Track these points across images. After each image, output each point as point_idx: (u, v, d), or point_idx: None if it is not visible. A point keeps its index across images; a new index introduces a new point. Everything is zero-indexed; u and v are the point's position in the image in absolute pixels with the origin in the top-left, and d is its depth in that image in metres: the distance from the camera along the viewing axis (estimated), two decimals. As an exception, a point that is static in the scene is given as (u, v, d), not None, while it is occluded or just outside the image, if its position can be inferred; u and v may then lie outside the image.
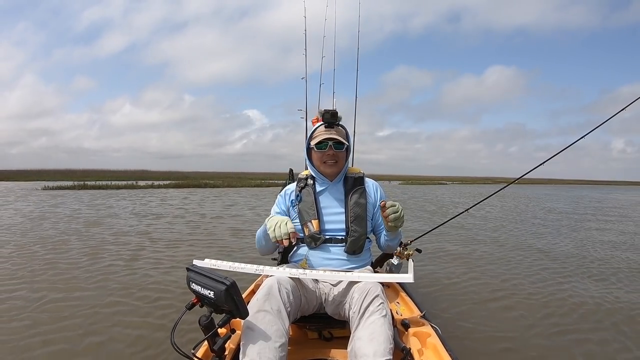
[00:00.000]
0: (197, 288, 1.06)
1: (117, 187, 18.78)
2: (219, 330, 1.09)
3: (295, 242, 1.43)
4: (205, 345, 1.15)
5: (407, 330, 1.40)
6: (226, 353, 1.16)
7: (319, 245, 1.51)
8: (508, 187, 1.93)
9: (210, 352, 1.09)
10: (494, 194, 1.94)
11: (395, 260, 1.64)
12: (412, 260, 1.56)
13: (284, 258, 1.74)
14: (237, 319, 1.07)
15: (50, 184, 19.06)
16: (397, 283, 1.87)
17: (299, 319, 1.37)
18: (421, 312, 1.57)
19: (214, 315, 1.08)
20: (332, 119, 1.55)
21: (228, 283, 1.00)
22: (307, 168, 1.69)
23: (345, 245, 1.51)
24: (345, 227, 1.53)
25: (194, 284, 1.07)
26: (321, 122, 1.58)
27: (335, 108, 1.59)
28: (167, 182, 24.23)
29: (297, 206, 1.56)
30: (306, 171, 1.68)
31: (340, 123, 1.60)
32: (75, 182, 19.65)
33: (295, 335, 1.47)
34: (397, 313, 1.59)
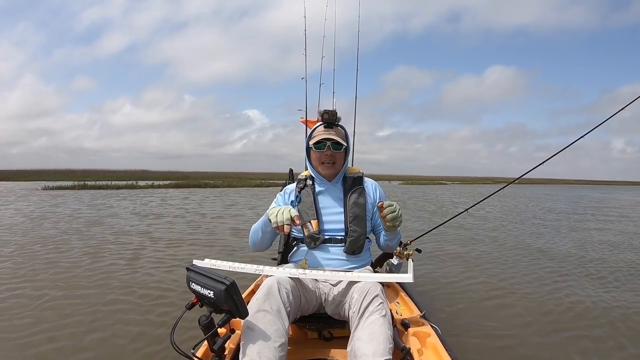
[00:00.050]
0: (197, 288, 1.06)
1: (117, 187, 18.79)
2: (219, 330, 1.09)
3: (301, 222, 1.44)
4: (205, 345, 1.15)
5: (406, 330, 1.40)
6: (226, 353, 1.16)
7: (318, 246, 1.51)
8: (508, 187, 1.93)
9: (210, 351, 1.09)
10: (493, 194, 1.94)
11: (395, 260, 1.64)
12: (412, 260, 1.56)
13: (284, 258, 1.75)
14: (237, 318, 1.07)
15: (50, 184, 19.07)
16: (397, 283, 1.87)
17: (298, 318, 1.37)
18: (421, 312, 1.57)
19: (213, 315, 1.08)
20: (331, 119, 1.55)
21: (228, 283, 1.01)
22: (307, 168, 1.69)
23: (345, 245, 1.51)
24: (344, 227, 1.53)
25: (193, 284, 1.08)
26: (320, 122, 1.58)
27: (335, 108, 1.59)
28: (167, 182, 24.24)
29: (297, 207, 1.57)
30: (306, 172, 1.68)
31: (340, 123, 1.60)
32: (75, 182, 19.67)
33: (295, 335, 1.47)
34: (396, 313, 1.59)
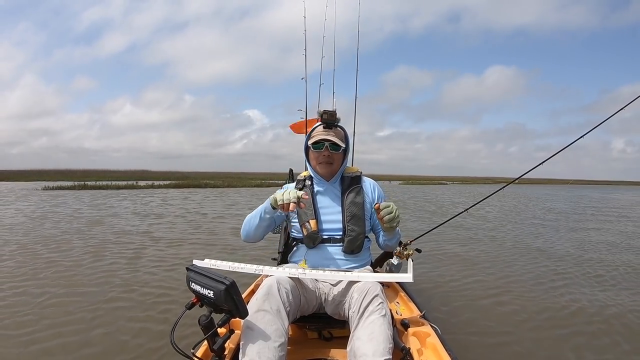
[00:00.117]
0: (197, 288, 1.06)
1: (118, 187, 18.80)
2: (219, 330, 1.09)
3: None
4: (205, 344, 1.15)
5: (406, 330, 1.40)
6: (226, 353, 1.16)
7: (317, 245, 1.51)
8: (508, 187, 1.93)
9: (210, 351, 1.09)
10: (493, 194, 1.93)
11: (395, 260, 1.64)
12: (412, 260, 1.55)
13: (284, 258, 1.75)
14: (237, 318, 1.07)
15: (50, 184, 19.07)
16: (397, 283, 1.88)
17: (298, 318, 1.37)
18: (421, 312, 1.57)
19: (213, 315, 1.08)
20: (330, 119, 1.55)
21: (227, 283, 1.01)
22: (306, 168, 1.69)
23: (343, 245, 1.51)
24: (342, 226, 1.53)
25: (193, 284, 1.08)
26: (320, 122, 1.58)
27: (335, 108, 1.58)
28: (167, 182, 24.24)
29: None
30: (305, 172, 1.69)
31: (340, 124, 1.59)
32: (75, 183, 19.66)
33: (295, 335, 1.48)
34: (396, 313, 1.59)
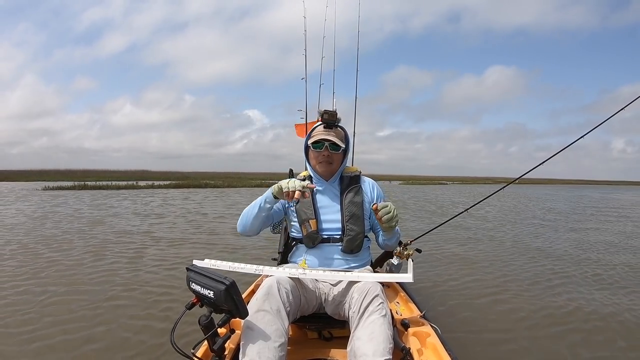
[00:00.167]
0: (197, 288, 1.06)
1: (118, 187, 18.80)
2: (219, 330, 1.09)
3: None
4: (205, 345, 1.15)
5: (406, 330, 1.40)
6: (226, 353, 1.16)
7: (316, 245, 1.51)
8: (508, 187, 1.93)
9: (210, 351, 1.09)
10: (493, 194, 1.94)
11: (395, 260, 1.64)
12: (412, 260, 1.56)
13: (284, 258, 1.75)
14: (237, 318, 1.07)
15: (50, 184, 19.07)
16: (397, 283, 1.88)
17: (298, 318, 1.37)
18: (421, 312, 1.57)
19: (213, 315, 1.08)
20: (330, 119, 1.55)
21: (228, 283, 1.01)
22: (306, 168, 1.69)
23: (342, 245, 1.51)
24: (341, 226, 1.53)
25: (193, 284, 1.08)
26: (320, 122, 1.59)
27: (335, 108, 1.59)
28: (167, 182, 24.23)
29: (295, 207, 1.57)
30: (305, 172, 1.69)
31: (340, 124, 1.60)
32: (75, 183, 19.64)
33: (295, 335, 1.48)
34: (396, 313, 1.59)
